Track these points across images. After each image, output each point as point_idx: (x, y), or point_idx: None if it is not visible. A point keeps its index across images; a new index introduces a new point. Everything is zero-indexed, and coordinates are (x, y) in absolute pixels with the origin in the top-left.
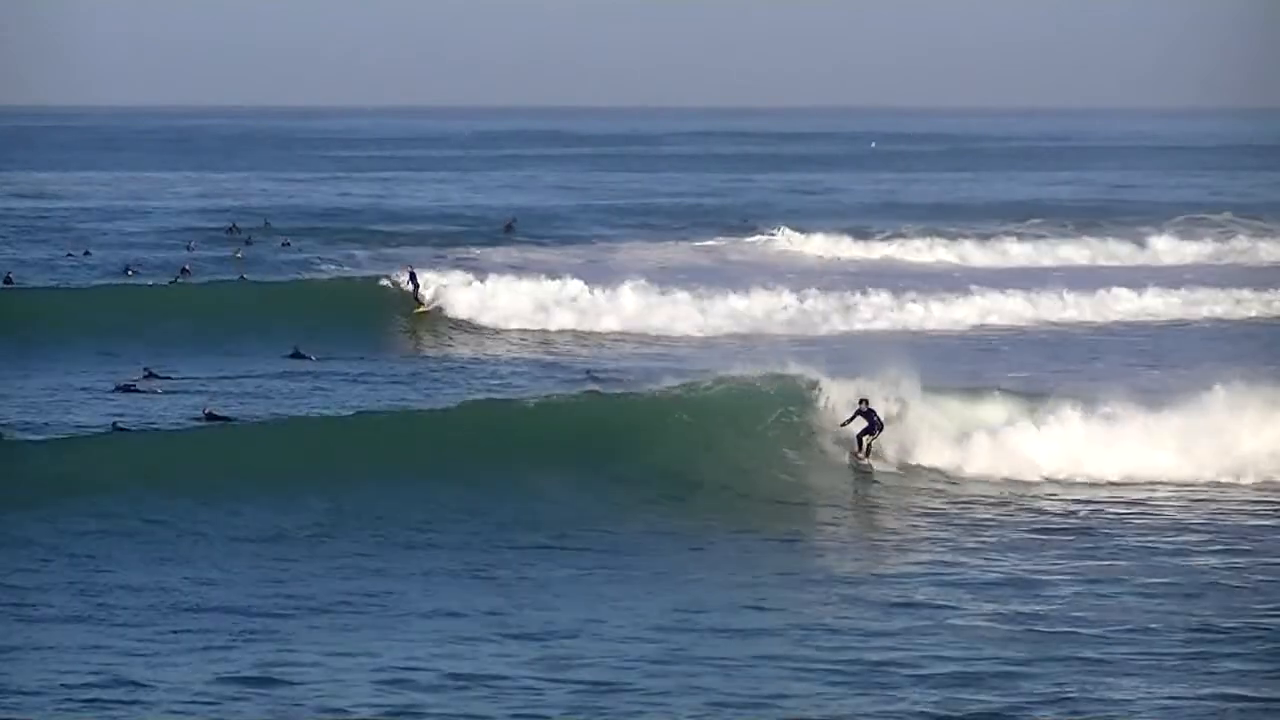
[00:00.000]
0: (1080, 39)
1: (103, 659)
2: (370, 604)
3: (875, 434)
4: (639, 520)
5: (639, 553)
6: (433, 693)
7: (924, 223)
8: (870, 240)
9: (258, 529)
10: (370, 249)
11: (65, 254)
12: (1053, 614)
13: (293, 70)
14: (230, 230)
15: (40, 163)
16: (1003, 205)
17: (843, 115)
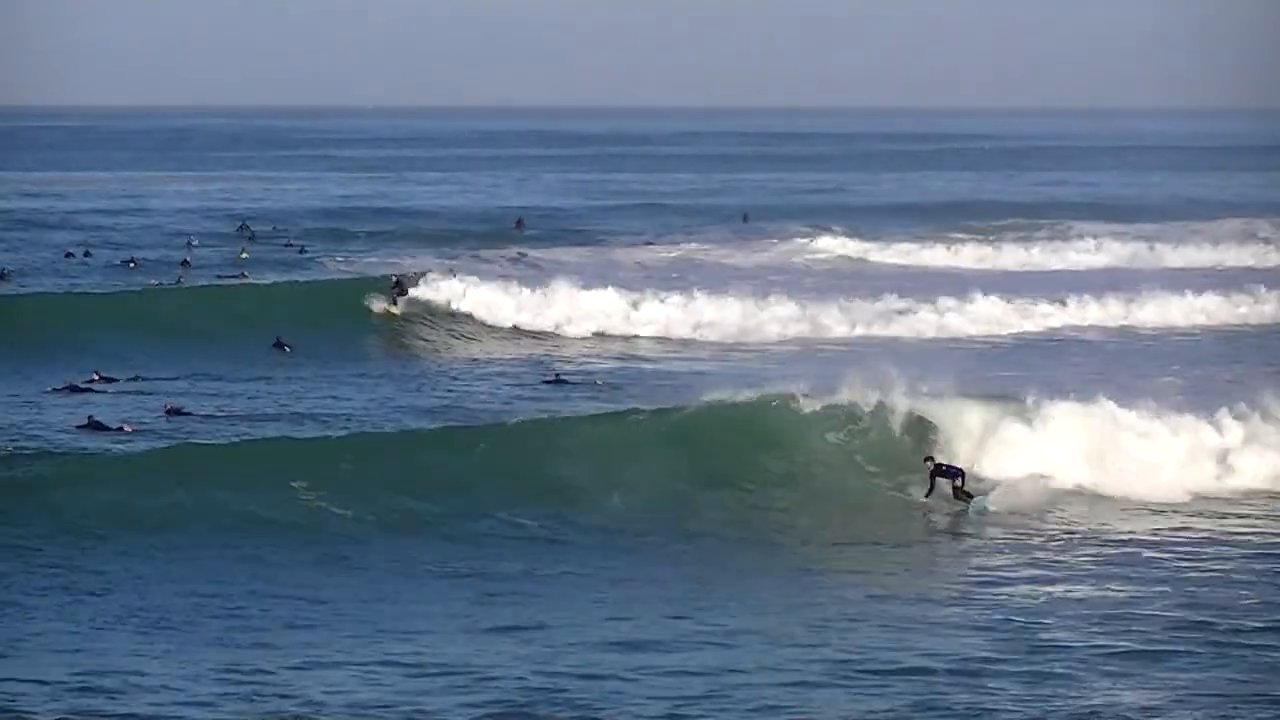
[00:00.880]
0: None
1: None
2: (360, 606)
3: (961, 479)
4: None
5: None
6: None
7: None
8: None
9: (241, 531)
10: (378, 249)
11: (65, 254)
12: None
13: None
14: (240, 229)
15: (39, 162)
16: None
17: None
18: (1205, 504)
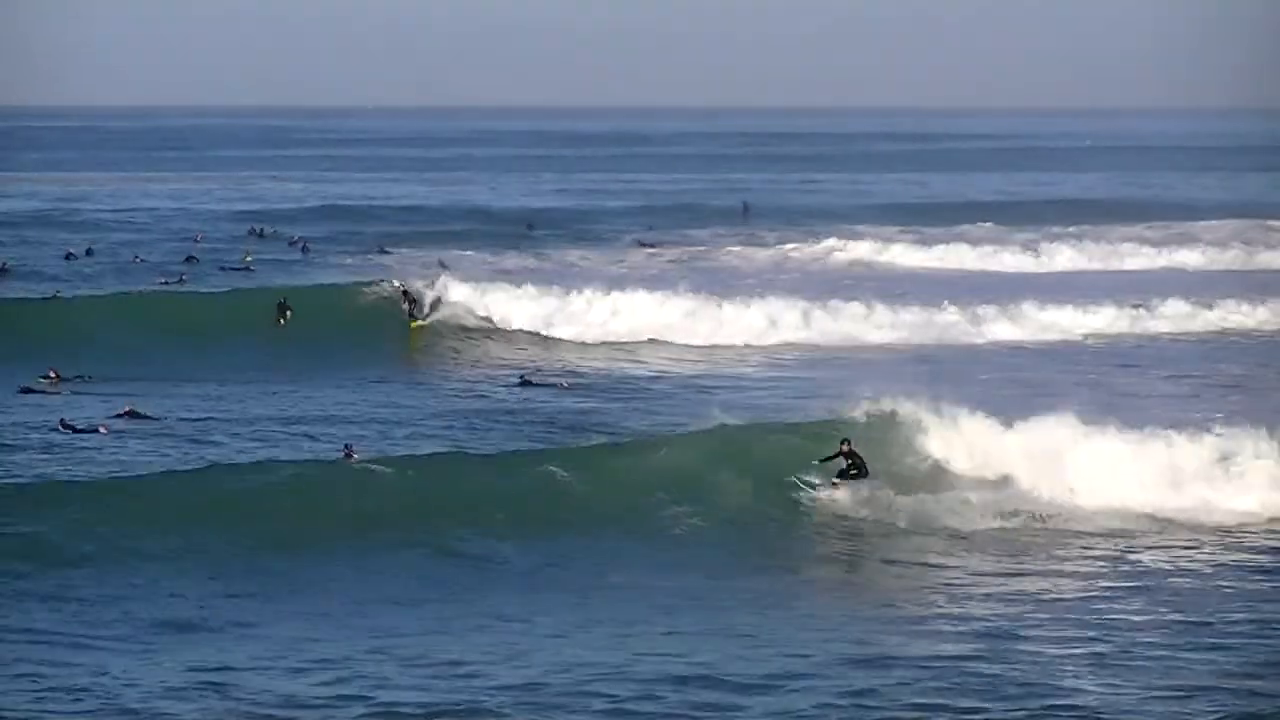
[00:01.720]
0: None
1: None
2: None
3: (858, 474)
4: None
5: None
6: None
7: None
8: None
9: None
10: (386, 249)
11: (65, 254)
12: None
13: (293, 71)
14: (250, 232)
15: (39, 163)
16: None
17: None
18: (1184, 512)
